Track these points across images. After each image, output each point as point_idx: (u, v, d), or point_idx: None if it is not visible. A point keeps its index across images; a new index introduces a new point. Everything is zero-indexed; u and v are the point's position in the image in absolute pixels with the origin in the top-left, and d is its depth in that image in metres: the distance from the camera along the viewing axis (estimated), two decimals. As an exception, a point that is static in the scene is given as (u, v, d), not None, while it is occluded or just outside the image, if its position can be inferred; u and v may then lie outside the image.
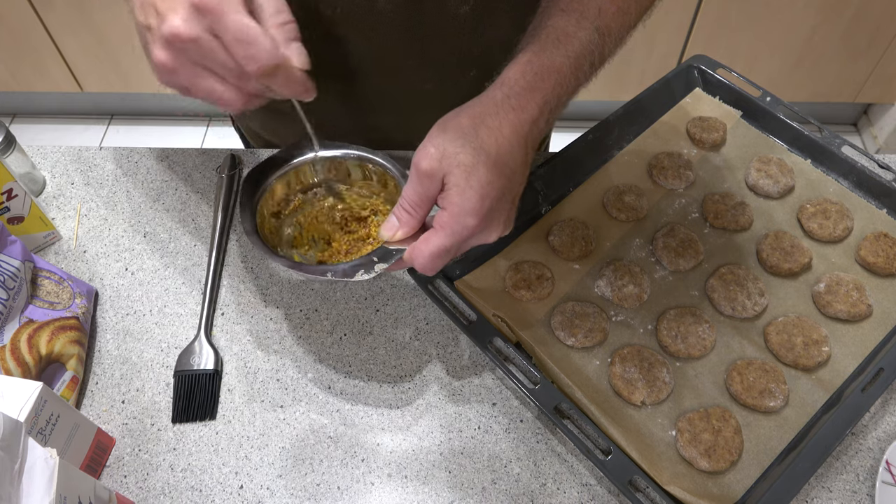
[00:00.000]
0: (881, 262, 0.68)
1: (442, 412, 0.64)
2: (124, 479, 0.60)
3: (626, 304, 0.68)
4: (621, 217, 0.74)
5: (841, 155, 0.75)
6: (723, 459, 0.58)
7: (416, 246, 0.51)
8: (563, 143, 0.78)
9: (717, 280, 0.68)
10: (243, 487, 0.60)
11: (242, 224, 0.61)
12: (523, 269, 0.70)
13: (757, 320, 0.67)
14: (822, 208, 0.73)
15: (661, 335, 0.65)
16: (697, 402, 0.62)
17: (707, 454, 0.58)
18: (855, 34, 1.74)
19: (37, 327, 0.61)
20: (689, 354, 0.64)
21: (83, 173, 0.80)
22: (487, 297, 0.67)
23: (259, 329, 0.68)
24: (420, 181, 0.51)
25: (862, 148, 0.77)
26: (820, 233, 0.71)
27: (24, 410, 0.50)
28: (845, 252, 0.71)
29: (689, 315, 0.66)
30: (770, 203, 0.75)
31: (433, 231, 0.51)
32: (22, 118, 2.15)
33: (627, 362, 0.63)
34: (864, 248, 0.70)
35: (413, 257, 0.52)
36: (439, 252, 0.50)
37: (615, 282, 0.68)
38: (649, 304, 0.68)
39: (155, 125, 2.14)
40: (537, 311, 0.68)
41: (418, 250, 0.51)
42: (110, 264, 0.73)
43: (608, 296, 0.68)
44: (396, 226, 0.53)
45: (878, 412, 0.63)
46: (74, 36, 1.81)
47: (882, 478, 0.59)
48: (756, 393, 0.61)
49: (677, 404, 0.62)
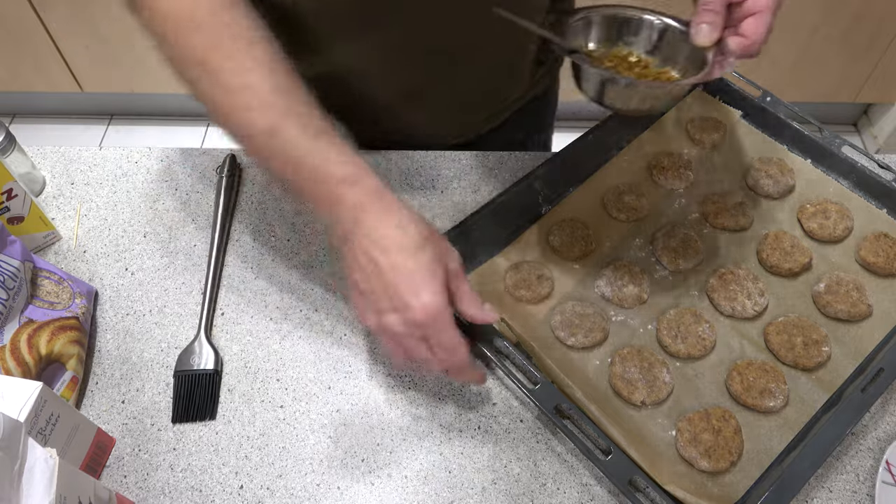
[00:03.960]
0: (881, 262, 0.69)
1: (442, 412, 0.64)
2: (124, 479, 0.60)
3: (626, 304, 0.68)
4: (621, 217, 0.74)
5: (841, 155, 0.75)
6: (723, 459, 0.58)
7: (750, 32, 0.58)
8: (564, 142, 0.78)
9: (717, 280, 0.68)
10: (243, 487, 0.60)
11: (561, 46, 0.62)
12: (523, 269, 0.69)
13: (757, 320, 0.67)
14: (823, 208, 0.73)
15: (662, 335, 0.65)
16: (697, 403, 0.62)
17: (707, 454, 0.58)
18: (855, 34, 1.74)
19: (37, 327, 0.61)
20: (690, 354, 0.64)
21: (83, 173, 0.80)
22: (487, 298, 0.67)
23: (259, 329, 0.68)
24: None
25: (862, 148, 0.77)
26: (820, 233, 0.71)
27: (24, 410, 0.50)
28: (845, 252, 0.71)
29: (689, 315, 0.66)
30: (770, 203, 0.75)
31: (757, 16, 0.58)
32: (22, 118, 2.15)
33: (627, 362, 0.63)
34: (864, 248, 0.70)
35: (750, 43, 0.58)
36: (769, 27, 0.58)
37: (615, 282, 0.68)
38: (649, 304, 0.68)
39: (155, 125, 2.14)
40: (537, 311, 0.68)
41: (756, 34, 0.58)
42: (110, 264, 0.73)
43: (608, 296, 0.68)
44: (711, 28, 0.59)
45: (878, 412, 0.63)
46: (74, 36, 1.81)
47: (882, 478, 0.59)
48: (756, 393, 0.61)
49: (677, 404, 0.62)
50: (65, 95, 2.05)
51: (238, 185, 0.78)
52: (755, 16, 0.59)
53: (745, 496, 0.57)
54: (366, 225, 0.53)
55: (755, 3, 0.59)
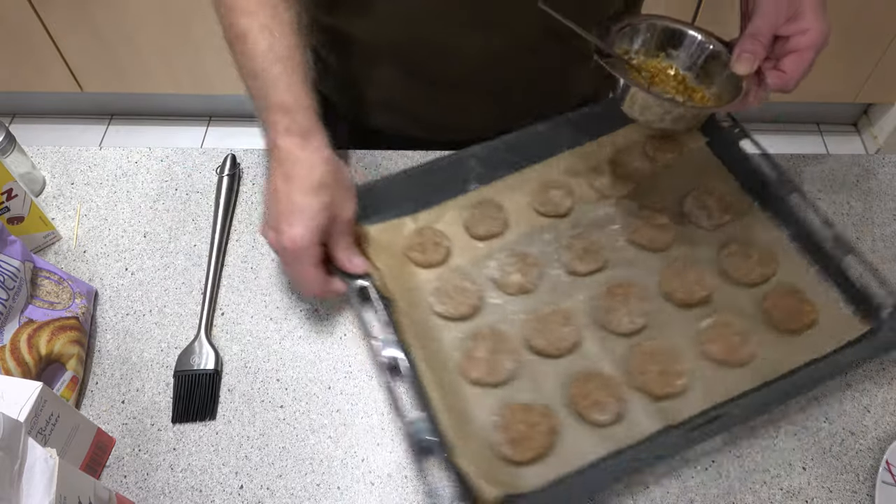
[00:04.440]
0: (782, 317, 0.64)
1: (442, 412, 0.64)
2: (124, 479, 0.60)
3: (508, 290, 0.67)
4: (541, 210, 0.73)
5: (788, 202, 0.71)
6: (525, 452, 0.57)
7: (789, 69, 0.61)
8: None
9: (605, 291, 0.67)
10: (243, 487, 0.60)
11: (601, 47, 0.64)
12: (425, 233, 0.70)
13: (627, 338, 0.65)
14: (746, 251, 0.69)
15: (527, 327, 0.65)
16: (531, 397, 0.61)
17: (512, 443, 0.58)
18: (855, 34, 1.74)
19: (37, 327, 0.61)
20: (546, 352, 0.63)
21: (83, 173, 0.80)
22: (379, 251, 0.68)
23: (259, 329, 0.68)
24: (776, 13, 0.61)
25: (862, 150, 0.77)
26: (733, 274, 0.68)
27: (24, 410, 0.50)
28: (751, 299, 0.67)
29: (560, 315, 0.65)
30: (698, 233, 0.72)
31: (800, 53, 0.61)
32: (22, 118, 2.15)
33: (481, 341, 0.63)
34: (771, 299, 0.66)
35: (787, 80, 0.61)
36: (810, 66, 0.61)
37: (505, 267, 0.68)
38: (532, 297, 0.67)
39: (155, 125, 2.14)
40: (422, 274, 0.69)
41: (794, 72, 0.61)
42: (110, 264, 0.73)
43: (494, 277, 0.68)
44: (753, 58, 0.61)
45: (878, 412, 0.63)
46: (74, 36, 1.81)
47: (882, 478, 0.59)
48: (589, 402, 0.60)
49: (512, 393, 0.62)
50: (65, 95, 2.05)
51: (238, 185, 0.78)
52: (798, 53, 0.61)
53: (529, 494, 0.56)
54: (283, 152, 0.62)
55: (800, 41, 0.60)
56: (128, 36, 1.80)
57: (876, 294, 0.65)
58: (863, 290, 0.66)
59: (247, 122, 2.13)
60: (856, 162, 0.81)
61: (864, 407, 0.64)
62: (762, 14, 0.62)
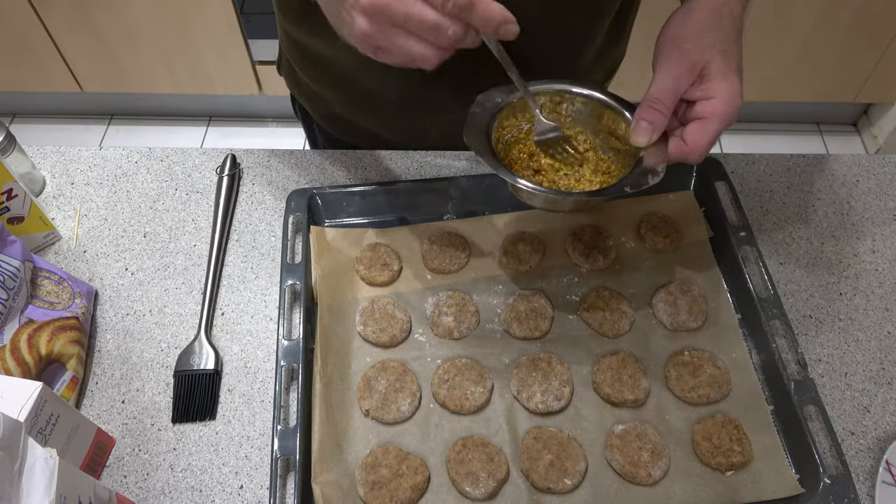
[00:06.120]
0: (707, 448, 0.59)
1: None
2: (124, 479, 0.60)
3: (437, 331, 0.66)
4: (503, 261, 0.70)
5: (763, 328, 0.64)
6: (380, 500, 0.56)
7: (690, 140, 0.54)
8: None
9: (528, 360, 0.63)
10: (243, 487, 0.60)
11: (476, 149, 0.57)
12: (379, 251, 0.69)
13: (531, 416, 0.61)
14: (698, 365, 0.63)
15: (436, 374, 0.63)
16: (414, 446, 0.60)
17: (371, 485, 0.56)
18: (855, 34, 1.74)
19: (37, 327, 0.61)
20: (446, 405, 0.62)
21: (83, 173, 0.80)
22: (332, 257, 0.68)
23: (259, 329, 0.68)
24: (678, 77, 0.54)
25: (862, 150, 0.76)
26: (675, 385, 0.63)
27: (24, 410, 0.50)
28: (684, 417, 0.61)
29: (475, 372, 0.62)
30: (658, 331, 0.66)
31: (703, 122, 0.54)
32: (22, 118, 2.15)
33: (385, 373, 0.62)
34: (704, 428, 0.60)
35: (688, 151, 0.54)
36: (715, 140, 0.53)
37: (442, 307, 0.66)
38: (457, 344, 0.65)
39: (155, 125, 2.14)
40: (361, 290, 0.68)
41: (695, 144, 0.53)
42: (110, 264, 0.73)
43: (427, 314, 0.67)
44: (651, 129, 0.55)
45: (878, 412, 0.63)
46: (74, 36, 1.81)
47: (882, 478, 0.59)
48: (464, 472, 0.57)
49: (396, 436, 0.60)
50: (65, 95, 2.05)
51: (238, 185, 0.78)
52: (702, 121, 0.54)
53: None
54: None
55: (705, 108, 0.54)
56: (128, 36, 1.80)
57: (824, 457, 0.57)
58: (811, 447, 0.58)
59: (247, 122, 2.13)
60: (856, 162, 0.81)
61: (864, 407, 0.64)
62: (663, 76, 0.55)
